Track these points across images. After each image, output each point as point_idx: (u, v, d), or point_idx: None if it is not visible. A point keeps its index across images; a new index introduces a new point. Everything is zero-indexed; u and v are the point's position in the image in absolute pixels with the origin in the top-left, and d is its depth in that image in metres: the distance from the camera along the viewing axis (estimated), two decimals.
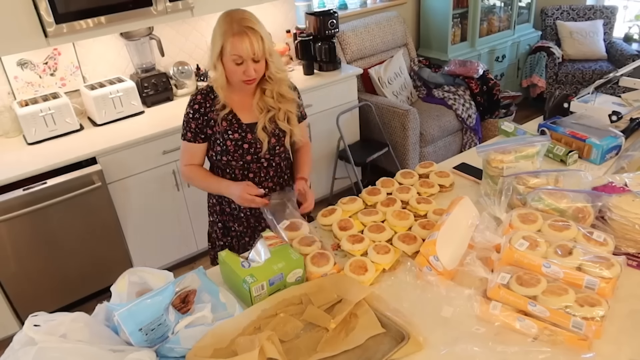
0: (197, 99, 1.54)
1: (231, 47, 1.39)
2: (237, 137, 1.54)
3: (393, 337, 1.10)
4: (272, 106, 1.54)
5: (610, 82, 2.01)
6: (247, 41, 1.38)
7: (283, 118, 1.56)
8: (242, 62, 1.41)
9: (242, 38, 1.38)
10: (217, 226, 1.75)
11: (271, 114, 1.55)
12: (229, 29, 1.40)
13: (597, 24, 4.32)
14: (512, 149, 1.54)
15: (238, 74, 1.44)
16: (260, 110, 1.55)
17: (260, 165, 1.61)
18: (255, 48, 1.40)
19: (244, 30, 1.39)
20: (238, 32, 1.39)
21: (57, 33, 2.19)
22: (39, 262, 2.33)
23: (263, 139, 1.55)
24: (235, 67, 1.42)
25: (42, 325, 0.97)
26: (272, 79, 1.51)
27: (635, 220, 1.22)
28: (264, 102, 1.54)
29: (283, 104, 1.55)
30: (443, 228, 1.28)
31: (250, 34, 1.39)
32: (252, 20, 1.43)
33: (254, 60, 1.42)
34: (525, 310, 1.09)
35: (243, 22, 1.41)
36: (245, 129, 1.55)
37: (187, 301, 1.14)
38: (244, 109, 1.56)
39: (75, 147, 2.33)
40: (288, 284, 1.25)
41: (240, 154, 1.56)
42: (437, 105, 3.58)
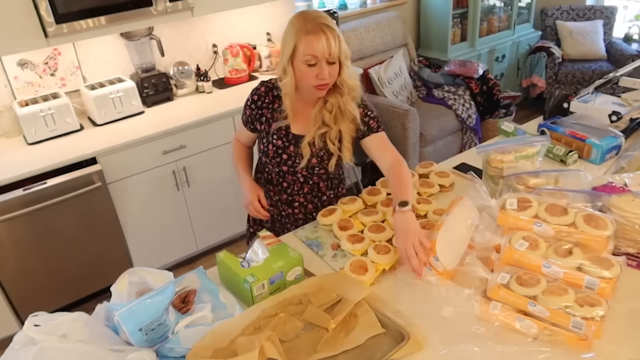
0: (260, 90, 1.49)
1: (305, 45, 1.30)
2: (279, 144, 1.49)
3: (393, 337, 1.10)
4: (327, 123, 1.44)
5: (610, 82, 2.01)
6: (324, 38, 1.29)
7: (334, 138, 1.46)
8: (315, 64, 1.32)
9: (318, 35, 1.29)
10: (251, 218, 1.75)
11: (322, 131, 1.45)
12: (302, 26, 1.31)
13: (597, 24, 4.32)
14: (512, 149, 1.54)
15: (310, 78, 1.34)
16: (315, 123, 1.45)
17: (295, 179, 1.57)
18: (332, 47, 1.30)
19: (320, 27, 1.29)
20: (313, 30, 1.29)
21: (57, 33, 2.19)
22: (39, 262, 2.33)
23: (305, 154, 1.47)
24: (308, 69, 1.33)
25: (42, 325, 0.97)
26: (343, 86, 1.40)
27: (635, 220, 1.22)
28: (321, 115, 1.44)
29: (339, 122, 1.44)
30: (443, 228, 1.28)
31: (327, 31, 1.30)
32: (327, 19, 1.33)
33: (328, 62, 1.32)
34: (525, 310, 1.09)
35: (318, 19, 1.31)
36: (290, 139, 1.48)
37: (187, 301, 1.14)
38: (298, 119, 1.47)
39: (75, 147, 2.33)
40: (288, 282, 1.25)
41: (277, 162, 1.51)
42: (437, 105, 3.58)
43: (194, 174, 2.65)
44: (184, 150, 2.56)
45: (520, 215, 1.24)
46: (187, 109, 2.69)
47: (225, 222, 2.85)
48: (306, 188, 1.59)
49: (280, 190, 1.61)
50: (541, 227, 1.20)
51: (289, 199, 1.61)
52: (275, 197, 1.63)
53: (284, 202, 1.63)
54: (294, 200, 1.61)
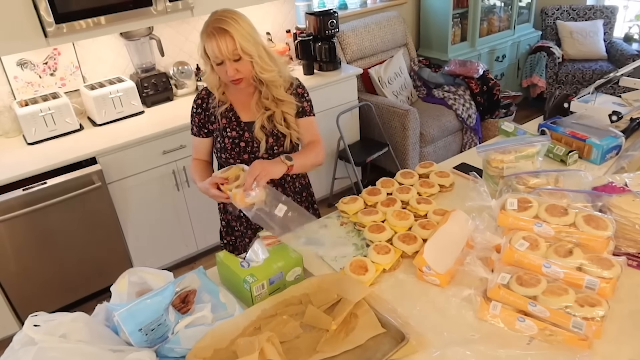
0: (201, 94, 1.58)
1: (208, 48, 1.41)
2: (234, 135, 1.55)
3: (393, 337, 1.10)
4: (268, 107, 1.53)
5: (611, 82, 2.01)
6: (215, 42, 1.37)
7: (280, 120, 1.54)
8: (222, 63, 1.41)
9: (210, 39, 1.38)
10: (222, 224, 1.77)
11: (268, 114, 1.53)
12: (204, 30, 1.41)
13: (597, 23, 4.31)
14: (512, 149, 1.54)
15: (222, 75, 1.45)
16: (258, 110, 1.54)
17: None
18: (223, 49, 1.37)
19: (212, 31, 1.38)
20: (208, 34, 1.39)
21: (57, 33, 2.19)
22: (39, 262, 2.33)
23: (261, 138, 1.54)
24: (218, 67, 1.43)
25: (42, 325, 0.97)
26: (257, 81, 1.49)
27: (636, 220, 1.22)
28: (261, 102, 1.53)
29: (280, 106, 1.53)
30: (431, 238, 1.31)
31: (218, 35, 1.37)
32: (226, 20, 1.38)
33: (233, 60, 1.40)
34: (526, 310, 1.09)
35: (216, 22, 1.38)
36: (243, 127, 1.56)
37: (187, 301, 1.14)
38: (245, 108, 1.56)
39: (75, 147, 2.33)
40: (288, 282, 1.25)
41: (237, 152, 1.57)
42: (437, 105, 3.58)
43: None
44: (184, 150, 2.56)
45: (520, 215, 1.24)
46: (187, 109, 2.66)
47: None
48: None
49: None
50: (541, 228, 1.20)
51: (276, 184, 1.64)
52: None
53: None
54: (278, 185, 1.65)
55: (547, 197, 1.32)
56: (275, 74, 1.49)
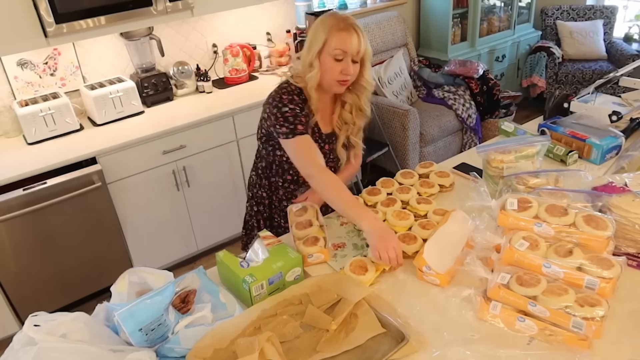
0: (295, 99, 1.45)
1: (337, 41, 1.38)
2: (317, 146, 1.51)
3: (393, 337, 1.10)
4: (348, 121, 1.55)
5: (610, 82, 2.01)
6: (355, 37, 1.38)
7: (356, 133, 1.59)
8: (342, 59, 1.40)
9: (350, 33, 1.38)
10: (261, 216, 1.73)
11: (348, 130, 1.57)
12: (335, 24, 1.39)
13: (597, 23, 4.32)
14: (512, 149, 1.54)
15: (335, 72, 1.41)
16: (339, 126, 1.56)
17: None
18: (362, 46, 1.40)
19: (352, 26, 1.39)
20: (346, 27, 1.39)
21: (57, 33, 2.19)
22: (39, 262, 2.33)
23: (342, 156, 1.60)
24: (334, 63, 1.40)
25: (42, 325, 0.97)
26: (362, 86, 1.49)
27: (636, 220, 1.22)
28: (342, 117, 1.55)
29: (358, 119, 1.56)
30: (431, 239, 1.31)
31: (358, 31, 1.40)
32: (353, 22, 1.43)
33: (353, 61, 1.41)
34: (526, 310, 1.09)
35: (350, 19, 1.41)
36: (324, 139, 1.57)
37: (187, 301, 1.14)
38: (323, 119, 1.55)
39: (75, 147, 2.33)
40: (287, 283, 1.25)
41: None
42: (437, 105, 3.57)
43: (194, 174, 2.65)
44: (183, 150, 2.56)
45: (520, 215, 1.24)
46: (187, 109, 2.69)
47: (225, 222, 2.85)
48: None
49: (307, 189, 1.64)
50: (541, 228, 1.20)
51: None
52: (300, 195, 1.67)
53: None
54: None
55: (547, 197, 1.32)
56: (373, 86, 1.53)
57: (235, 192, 2.81)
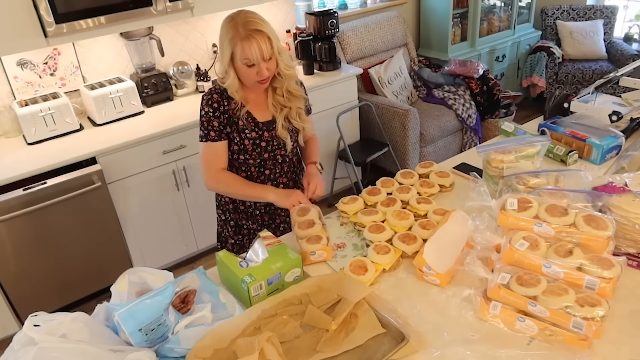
0: (214, 97, 1.54)
1: (241, 52, 1.41)
2: (254, 136, 1.57)
3: (393, 337, 1.09)
4: (284, 105, 1.58)
5: (611, 82, 2.01)
6: (255, 44, 1.40)
7: (295, 115, 1.60)
8: (252, 64, 1.43)
9: (250, 42, 1.40)
10: (229, 224, 1.75)
11: (285, 112, 1.58)
12: (235, 34, 1.41)
13: (597, 23, 4.31)
14: (512, 149, 1.54)
15: (251, 76, 1.46)
16: (276, 110, 1.58)
17: (275, 162, 1.64)
18: (264, 50, 1.41)
19: (250, 33, 1.40)
20: (245, 37, 1.40)
21: (57, 33, 2.19)
22: (39, 262, 2.33)
23: (285, 137, 1.59)
24: (248, 69, 1.45)
25: (42, 325, 0.97)
26: (282, 76, 1.53)
27: (636, 220, 1.22)
28: (276, 100, 1.57)
29: (293, 101, 1.59)
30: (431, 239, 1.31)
31: (257, 36, 1.41)
32: (256, 21, 1.44)
33: (264, 60, 1.43)
34: (526, 311, 1.09)
35: (248, 25, 1.41)
36: (262, 127, 1.58)
37: (187, 301, 1.14)
38: (258, 108, 1.58)
39: (75, 147, 2.33)
40: (286, 283, 1.25)
41: (258, 152, 1.59)
42: (437, 105, 3.57)
43: (194, 174, 2.65)
44: (183, 150, 2.56)
45: (520, 215, 1.24)
46: (187, 109, 2.69)
47: None
48: (285, 167, 1.68)
49: (264, 180, 1.66)
50: (542, 228, 1.20)
51: (274, 184, 1.67)
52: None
53: None
54: (279, 183, 1.68)
55: (547, 197, 1.32)
56: (294, 69, 1.56)
57: None
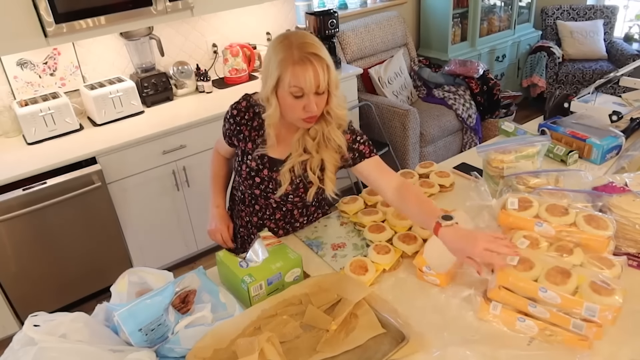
0: (241, 105, 1.37)
1: (292, 77, 1.16)
2: (253, 166, 1.38)
3: (393, 337, 1.09)
4: (309, 150, 1.33)
5: (611, 82, 2.01)
6: (311, 70, 1.16)
7: (316, 167, 1.34)
8: (302, 95, 1.19)
9: (305, 67, 1.15)
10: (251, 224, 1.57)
11: (304, 159, 1.33)
12: (288, 55, 1.16)
13: (597, 23, 4.31)
14: (513, 149, 1.54)
15: (297, 110, 1.21)
16: (296, 149, 1.33)
17: (268, 204, 1.47)
18: (321, 79, 1.17)
19: (307, 57, 1.16)
20: (300, 60, 1.16)
21: (56, 33, 2.19)
22: (39, 262, 2.33)
23: (284, 182, 1.35)
24: (294, 101, 1.20)
25: (42, 325, 0.97)
26: (330, 116, 1.27)
27: (636, 220, 1.22)
28: (303, 141, 1.32)
29: (322, 151, 1.32)
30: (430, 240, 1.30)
31: (315, 62, 1.16)
32: (315, 44, 1.19)
33: (316, 93, 1.20)
34: (526, 311, 1.09)
35: (305, 47, 1.17)
36: (265, 162, 1.37)
37: (187, 301, 1.14)
38: (280, 143, 1.35)
39: (75, 147, 2.33)
40: (286, 283, 1.25)
41: (249, 184, 1.42)
42: (437, 105, 3.57)
43: (194, 174, 2.65)
44: (183, 150, 2.56)
45: (521, 215, 1.24)
46: (187, 109, 2.69)
47: None
48: (278, 214, 1.49)
49: (252, 212, 1.52)
50: (542, 227, 1.20)
51: (259, 222, 1.52)
52: (246, 217, 1.55)
53: (254, 224, 1.54)
54: (264, 225, 1.51)
55: (547, 197, 1.32)
56: (347, 111, 1.30)
57: None
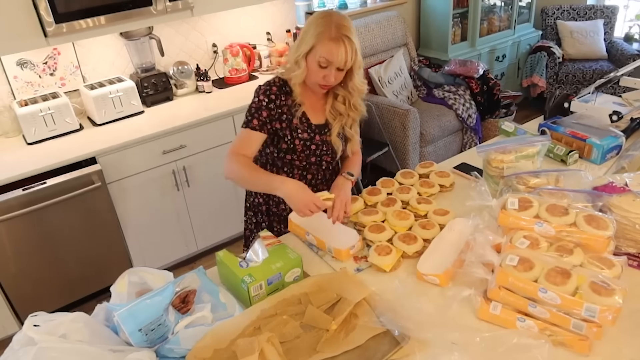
0: (273, 90, 1.48)
1: (324, 49, 1.36)
2: (306, 137, 1.53)
3: (393, 337, 1.09)
4: (342, 113, 1.54)
5: (611, 81, 2.01)
6: (343, 49, 1.36)
7: (350, 125, 1.58)
8: (326, 67, 1.39)
9: (339, 45, 1.35)
10: (261, 227, 1.69)
11: (342, 120, 1.55)
12: (326, 30, 1.36)
13: (597, 23, 4.31)
14: (513, 149, 1.54)
15: (318, 77, 1.42)
16: (334, 116, 1.55)
17: (319, 168, 1.61)
18: (348, 58, 1.38)
19: (342, 37, 1.36)
20: (335, 38, 1.35)
21: (56, 33, 2.19)
22: (39, 262, 2.33)
23: (337, 146, 1.56)
24: (319, 69, 1.40)
25: (42, 325, 0.97)
26: (352, 90, 1.50)
27: (636, 220, 1.22)
28: (335, 108, 1.54)
29: (352, 113, 1.55)
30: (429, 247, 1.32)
31: (347, 42, 1.36)
32: (350, 28, 1.39)
33: (338, 69, 1.40)
34: (526, 311, 1.09)
35: (342, 29, 1.37)
36: (314, 129, 1.54)
37: (187, 301, 1.14)
38: (314, 110, 1.54)
39: (75, 147, 2.33)
40: (286, 283, 1.25)
41: (306, 155, 1.55)
42: (437, 105, 3.57)
43: (194, 174, 2.65)
44: (183, 150, 2.56)
45: (521, 215, 1.24)
46: (187, 109, 2.69)
47: (225, 222, 2.85)
48: (327, 175, 1.66)
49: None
50: (542, 227, 1.20)
51: (314, 189, 1.55)
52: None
53: None
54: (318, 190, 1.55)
55: (547, 197, 1.32)
56: (366, 86, 1.53)
57: (235, 192, 2.81)
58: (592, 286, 1.03)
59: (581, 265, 1.11)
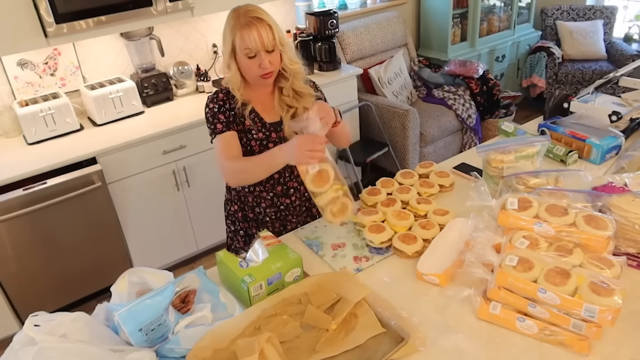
0: (219, 96, 1.50)
1: (240, 40, 1.37)
2: (261, 137, 1.51)
3: (393, 337, 1.10)
4: (290, 105, 1.52)
5: (610, 82, 2.01)
6: (255, 31, 1.35)
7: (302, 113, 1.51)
8: (254, 55, 1.39)
9: (250, 29, 1.35)
10: (239, 235, 1.69)
11: (292, 112, 1.52)
12: (236, 22, 1.38)
13: (597, 24, 4.32)
14: (512, 149, 1.54)
15: (254, 69, 1.41)
16: (282, 109, 1.52)
17: (285, 166, 1.54)
18: (264, 37, 1.36)
19: (251, 20, 1.36)
20: (245, 24, 1.36)
21: (57, 33, 2.19)
22: (39, 262, 2.33)
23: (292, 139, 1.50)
24: (249, 61, 1.39)
25: (42, 325, 0.97)
26: (287, 72, 1.47)
27: (635, 220, 1.22)
28: (283, 101, 1.52)
29: (300, 101, 1.52)
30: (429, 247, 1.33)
31: (257, 23, 1.36)
32: (258, 10, 1.40)
33: (267, 52, 1.39)
34: (525, 311, 1.09)
35: (250, 12, 1.38)
36: (269, 128, 1.52)
37: (187, 301, 1.14)
38: (266, 109, 1.53)
39: (75, 147, 2.33)
40: (286, 283, 1.25)
41: None
42: (437, 105, 3.58)
43: (194, 174, 2.65)
44: (183, 150, 2.56)
45: (520, 215, 1.24)
46: (187, 109, 2.69)
47: None
48: (296, 170, 1.58)
49: (273, 185, 1.60)
50: (542, 227, 1.20)
51: (284, 188, 1.61)
52: (269, 194, 1.61)
53: (279, 194, 1.61)
54: (289, 188, 1.61)
55: (547, 197, 1.32)
56: (300, 65, 1.50)
57: None
58: (591, 286, 1.03)
59: (581, 265, 1.11)
